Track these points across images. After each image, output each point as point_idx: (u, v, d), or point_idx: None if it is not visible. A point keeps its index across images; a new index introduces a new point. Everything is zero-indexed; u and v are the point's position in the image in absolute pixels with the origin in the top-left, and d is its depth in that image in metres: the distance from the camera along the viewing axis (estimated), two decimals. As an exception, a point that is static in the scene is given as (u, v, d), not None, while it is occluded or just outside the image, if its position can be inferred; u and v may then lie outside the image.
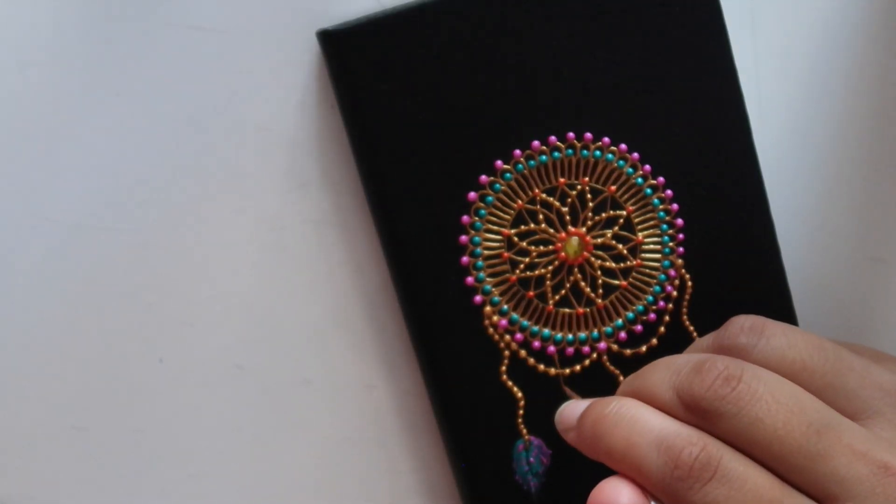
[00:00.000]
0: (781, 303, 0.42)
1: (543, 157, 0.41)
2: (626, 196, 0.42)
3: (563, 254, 0.41)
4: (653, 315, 0.42)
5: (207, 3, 0.41)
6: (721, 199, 0.42)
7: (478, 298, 0.41)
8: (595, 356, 0.42)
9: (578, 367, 0.42)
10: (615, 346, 0.42)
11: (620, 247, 0.42)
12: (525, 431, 0.42)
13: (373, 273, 0.43)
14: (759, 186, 0.42)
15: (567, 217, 0.41)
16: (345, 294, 0.43)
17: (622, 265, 0.42)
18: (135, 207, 0.42)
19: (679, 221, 0.42)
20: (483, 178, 0.41)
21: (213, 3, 0.41)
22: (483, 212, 0.41)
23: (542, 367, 0.42)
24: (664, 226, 0.42)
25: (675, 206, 0.42)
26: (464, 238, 0.41)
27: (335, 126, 0.42)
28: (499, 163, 0.41)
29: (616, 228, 0.42)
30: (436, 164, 0.41)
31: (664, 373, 0.37)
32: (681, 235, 0.42)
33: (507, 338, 0.42)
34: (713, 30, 0.41)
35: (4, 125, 0.41)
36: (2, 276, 0.42)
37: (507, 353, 0.42)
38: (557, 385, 0.42)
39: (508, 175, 0.41)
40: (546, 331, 0.42)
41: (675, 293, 0.42)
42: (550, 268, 0.42)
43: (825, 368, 0.36)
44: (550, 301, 0.42)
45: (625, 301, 0.42)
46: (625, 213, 0.42)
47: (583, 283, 0.42)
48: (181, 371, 0.43)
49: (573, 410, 0.39)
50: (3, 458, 0.43)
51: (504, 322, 0.42)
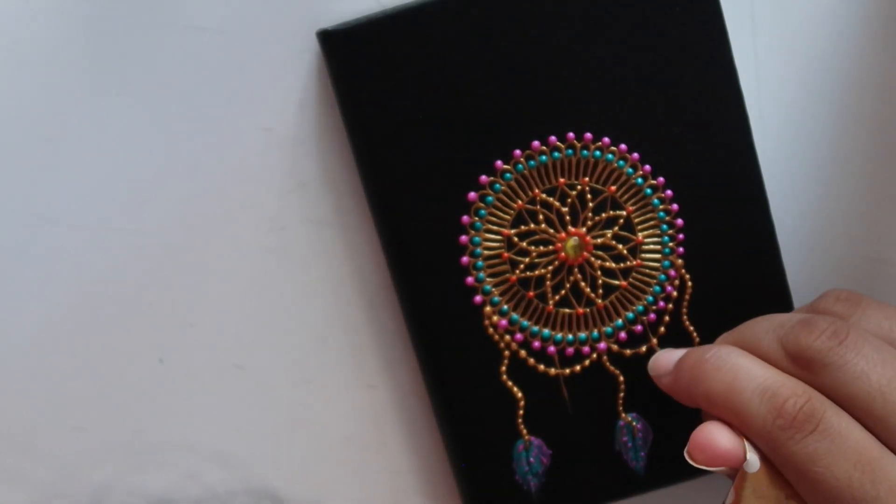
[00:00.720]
0: (781, 303, 0.42)
1: (543, 157, 0.41)
2: (626, 196, 0.42)
3: (563, 254, 0.41)
4: (653, 315, 0.42)
5: (207, 4, 0.41)
6: (721, 199, 0.42)
7: (478, 298, 0.41)
8: (595, 356, 0.42)
9: (578, 368, 0.42)
10: (615, 347, 0.42)
11: (620, 247, 0.42)
12: (525, 431, 0.42)
13: (373, 273, 0.43)
14: (759, 186, 0.42)
15: (567, 217, 0.41)
16: (345, 294, 0.43)
17: (622, 265, 0.42)
18: (135, 207, 0.42)
19: (679, 221, 0.42)
20: (483, 178, 0.41)
21: (213, 3, 0.41)
22: (483, 212, 0.41)
23: (542, 367, 0.42)
24: (664, 226, 0.42)
25: (675, 206, 0.42)
26: (464, 238, 0.41)
27: (335, 126, 0.42)
28: (499, 163, 0.41)
29: (616, 228, 0.42)
30: (436, 164, 0.41)
31: (768, 325, 0.37)
32: (681, 235, 0.42)
33: (507, 338, 0.42)
34: (713, 30, 0.41)
35: (5, 125, 0.41)
36: (2, 276, 0.42)
37: (507, 353, 0.42)
38: (557, 385, 0.42)
39: (508, 175, 0.41)
40: (546, 331, 0.42)
41: (675, 293, 0.42)
42: (550, 268, 0.42)
43: None
44: (550, 301, 0.42)
45: (625, 301, 0.42)
46: (625, 213, 0.42)
47: (583, 284, 0.42)
48: (181, 371, 0.43)
49: (670, 356, 0.39)
50: (3, 459, 0.43)
51: (504, 322, 0.42)
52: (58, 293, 0.42)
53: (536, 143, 0.41)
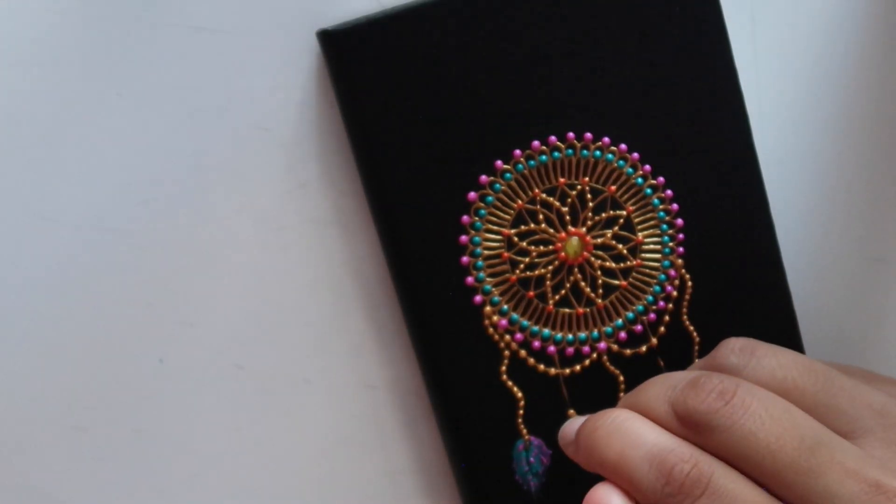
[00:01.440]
0: (781, 303, 0.42)
1: (543, 157, 0.41)
2: (626, 196, 0.42)
3: (563, 254, 0.42)
4: (653, 315, 0.42)
5: (207, 4, 0.41)
6: (721, 199, 0.42)
7: (478, 298, 0.41)
8: (595, 356, 0.42)
9: (578, 367, 0.42)
10: (615, 346, 0.42)
11: (620, 247, 0.42)
12: (525, 431, 0.42)
13: (373, 273, 0.43)
14: (760, 186, 0.42)
15: (567, 217, 0.41)
16: (345, 294, 0.43)
17: (622, 265, 0.42)
18: (135, 207, 0.42)
19: (679, 221, 0.42)
20: (483, 178, 0.41)
21: (213, 3, 0.41)
22: (483, 212, 0.41)
23: (542, 367, 0.42)
24: (664, 226, 0.42)
25: (675, 206, 0.42)
26: (464, 238, 0.41)
27: (335, 126, 0.42)
28: (499, 163, 0.41)
29: (616, 228, 0.42)
30: (436, 164, 0.41)
31: (661, 387, 0.37)
32: (681, 235, 0.42)
33: (507, 338, 0.42)
34: (713, 30, 0.41)
35: (5, 125, 0.41)
36: (2, 276, 0.42)
37: (507, 353, 0.42)
38: (557, 385, 0.42)
39: (508, 175, 0.41)
40: (546, 331, 0.42)
41: (675, 293, 0.42)
42: (550, 268, 0.42)
43: (816, 388, 0.37)
44: (550, 301, 0.42)
45: (625, 301, 0.42)
46: (625, 213, 0.42)
47: (583, 283, 0.42)
48: (181, 371, 0.43)
49: (573, 426, 0.39)
50: (4, 459, 0.43)
51: (504, 322, 0.42)
52: (57, 293, 0.42)
53: (536, 143, 0.41)
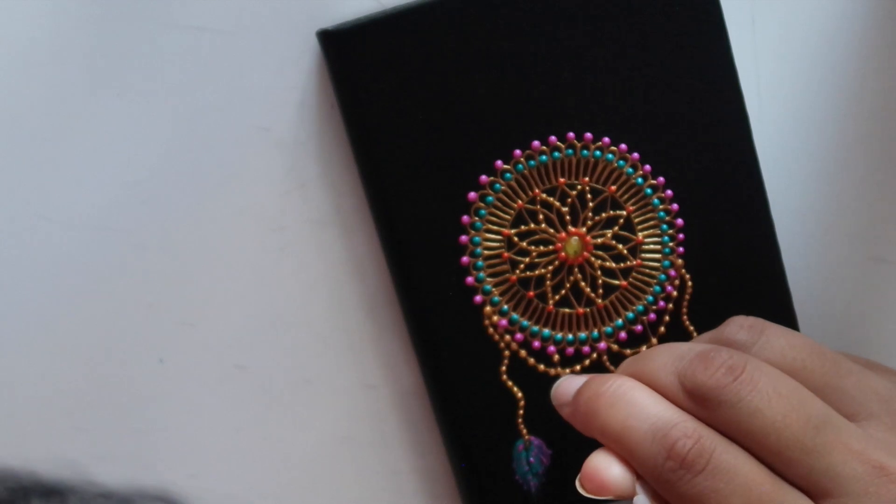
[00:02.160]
0: (781, 303, 0.42)
1: (543, 157, 0.41)
2: (626, 196, 0.42)
3: (564, 254, 0.41)
4: (653, 315, 0.42)
5: (208, 4, 0.41)
6: (721, 199, 0.42)
7: (478, 298, 0.41)
8: (595, 356, 0.42)
9: (578, 367, 0.42)
10: (615, 346, 0.42)
11: (620, 247, 0.42)
12: (525, 431, 0.42)
13: (373, 273, 0.43)
14: (759, 186, 0.42)
15: (567, 217, 0.41)
16: (345, 294, 0.43)
17: (622, 265, 0.42)
18: (135, 207, 0.42)
19: (679, 221, 0.42)
20: (483, 178, 0.41)
21: (214, 4, 0.41)
22: (483, 212, 0.41)
23: (542, 367, 0.42)
24: (664, 226, 0.42)
25: (675, 206, 0.42)
26: (464, 238, 0.41)
27: (335, 126, 0.42)
28: (499, 163, 0.41)
29: (616, 228, 0.42)
30: (436, 164, 0.41)
31: (667, 357, 0.37)
32: (681, 235, 0.42)
33: (507, 338, 0.42)
34: (713, 30, 0.41)
35: (5, 125, 0.41)
36: (2, 276, 0.42)
37: (507, 353, 0.42)
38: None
39: (508, 175, 0.41)
40: (546, 331, 0.42)
41: (675, 293, 0.42)
42: (550, 268, 0.42)
43: (823, 370, 0.37)
44: (550, 301, 0.42)
45: (625, 301, 0.42)
46: (625, 213, 0.42)
47: (583, 283, 0.42)
48: (181, 371, 0.43)
49: (569, 385, 0.39)
50: (4, 459, 0.43)
51: (504, 322, 0.42)
52: (57, 293, 0.42)
53: (536, 143, 0.41)
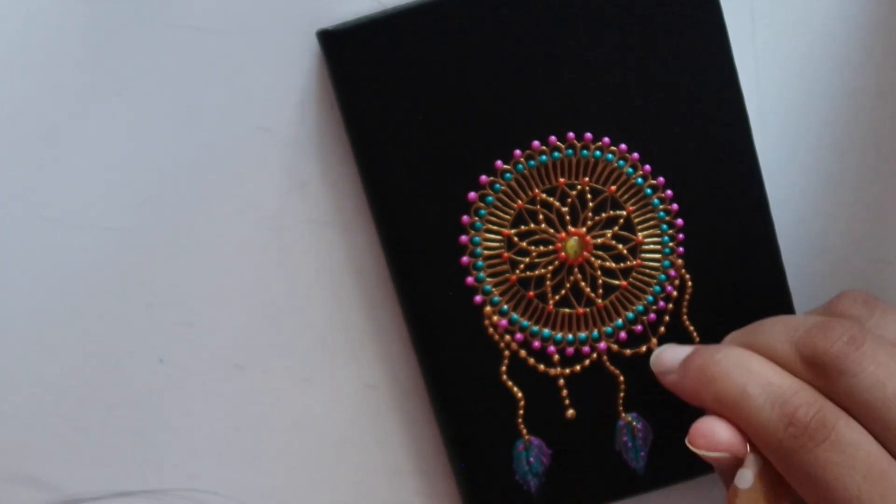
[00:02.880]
0: (781, 303, 0.42)
1: (543, 157, 0.41)
2: (626, 196, 0.42)
3: (563, 254, 0.41)
4: (653, 315, 0.42)
5: (207, 4, 0.41)
6: (721, 199, 0.42)
7: (478, 298, 0.41)
8: (595, 356, 0.42)
9: (578, 367, 0.42)
10: (615, 346, 0.42)
11: (620, 247, 0.42)
12: (525, 431, 0.42)
13: (373, 273, 0.43)
14: (759, 186, 0.42)
15: (567, 217, 0.41)
16: (345, 294, 0.43)
17: (622, 265, 0.42)
18: (135, 207, 0.42)
19: (679, 221, 0.42)
20: (483, 178, 0.41)
21: (214, 3, 0.41)
22: (483, 212, 0.41)
23: (542, 367, 0.42)
24: (664, 226, 0.42)
25: (675, 206, 0.42)
26: (464, 238, 0.41)
27: (335, 126, 0.42)
28: (499, 163, 0.41)
29: (616, 228, 0.42)
30: (436, 164, 0.41)
31: (781, 327, 0.37)
32: (681, 235, 0.42)
33: (507, 338, 0.42)
34: (713, 30, 0.41)
35: (5, 125, 0.41)
36: (2, 276, 0.42)
37: (507, 353, 0.42)
38: (557, 385, 0.42)
39: (508, 175, 0.41)
40: (546, 331, 0.42)
41: (675, 293, 0.42)
42: (550, 268, 0.42)
43: None
44: (550, 301, 0.42)
45: (625, 301, 0.42)
46: (625, 213, 0.42)
47: (583, 283, 0.42)
48: (181, 371, 0.43)
49: (675, 353, 0.39)
50: (4, 459, 0.43)
51: (504, 322, 0.42)
52: (58, 293, 0.42)
53: (536, 143, 0.41)
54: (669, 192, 0.42)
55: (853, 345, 0.35)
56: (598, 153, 0.41)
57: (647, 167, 0.41)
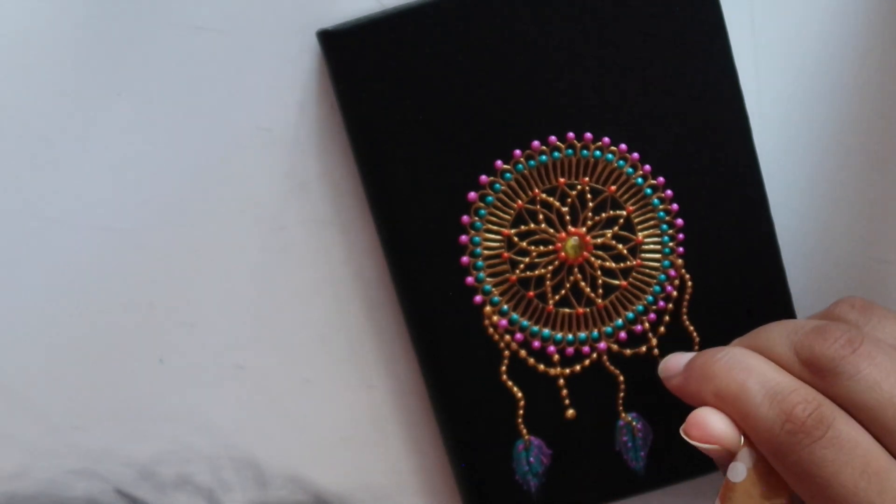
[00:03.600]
0: (781, 303, 0.42)
1: (543, 157, 0.41)
2: (626, 196, 0.42)
3: (563, 254, 0.41)
4: (653, 315, 0.42)
5: (208, 3, 0.41)
6: (721, 199, 0.42)
7: (478, 298, 0.41)
8: (595, 356, 0.42)
9: (578, 367, 0.42)
10: (615, 346, 0.42)
11: (620, 247, 0.42)
12: (525, 431, 0.42)
13: (373, 273, 0.43)
14: (759, 186, 0.42)
15: (567, 217, 0.41)
16: (345, 294, 0.43)
17: (622, 265, 0.42)
18: (135, 207, 0.42)
19: (679, 221, 0.42)
20: (483, 178, 0.41)
21: (214, 3, 0.41)
22: (483, 212, 0.41)
23: (542, 367, 0.42)
24: (664, 226, 0.42)
25: (675, 206, 0.42)
26: (464, 238, 0.41)
27: (335, 126, 0.42)
28: (499, 163, 0.41)
29: (616, 228, 0.42)
30: (436, 164, 0.41)
31: (782, 329, 0.37)
32: (681, 235, 0.42)
33: (507, 338, 0.42)
34: (713, 30, 0.41)
35: (5, 125, 0.41)
36: (2, 276, 0.42)
37: (507, 353, 0.42)
38: (557, 385, 0.42)
39: (508, 175, 0.41)
40: (546, 331, 0.42)
41: (675, 293, 0.42)
42: (550, 268, 0.42)
43: None
44: (550, 301, 0.42)
45: (625, 301, 0.42)
46: (625, 213, 0.42)
47: (583, 283, 0.42)
48: (181, 371, 0.43)
49: (680, 358, 0.39)
50: (4, 459, 0.43)
51: (504, 322, 0.42)
52: (57, 293, 0.42)
53: (536, 143, 0.41)
54: (669, 192, 0.42)
55: (850, 347, 0.36)
56: (598, 153, 0.41)
57: (647, 167, 0.41)
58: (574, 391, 0.42)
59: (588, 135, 0.41)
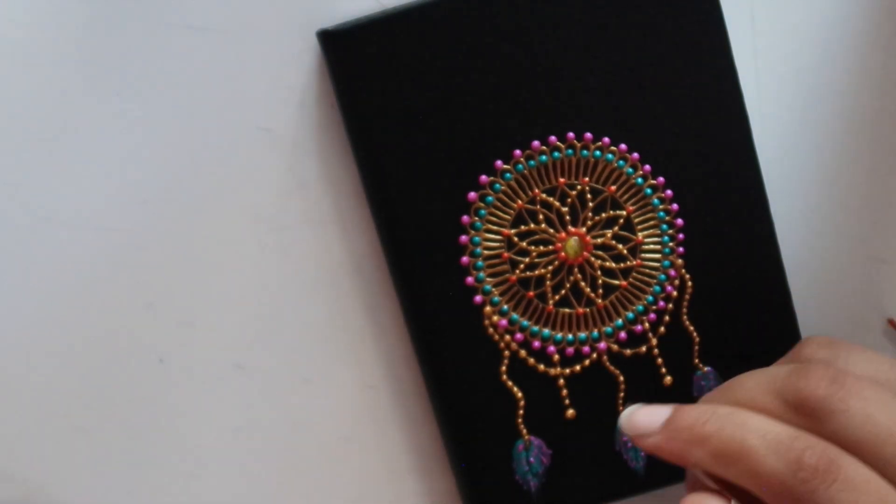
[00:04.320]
0: (781, 303, 0.42)
1: (543, 157, 0.41)
2: (626, 196, 0.42)
3: (563, 254, 0.41)
4: (653, 315, 0.42)
5: (207, 3, 0.41)
6: (721, 199, 0.42)
7: (478, 298, 0.41)
8: (595, 356, 0.42)
9: (578, 367, 0.42)
10: (615, 346, 0.42)
11: (620, 247, 0.42)
12: (525, 431, 0.42)
13: (373, 273, 0.43)
14: (759, 186, 0.42)
15: (567, 217, 0.41)
16: (345, 294, 0.43)
17: (622, 265, 0.42)
18: (135, 207, 0.42)
19: (679, 221, 0.42)
20: (483, 178, 0.41)
21: (214, 3, 0.41)
22: (483, 212, 0.41)
23: (542, 367, 0.42)
24: (664, 226, 0.42)
25: (675, 206, 0.42)
26: (464, 238, 0.41)
27: (335, 126, 0.42)
28: (499, 163, 0.41)
29: (616, 228, 0.42)
30: (436, 164, 0.41)
31: (759, 379, 0.36)
32: (681, 235, 0.42)
33: (507, 338, 0.42)
34: (713, 30, 0.41)
35: (5, 125, 0.41)
36: (2, 276, 0.42)
37: (507, 353, 0.42)
38: (557, 385, 0.42)
39: (508, 175, 0.41)
40: (546, 331, 0.42)
41: (675, 293, 0.42)
42: (550, 268, 0.42)
43: None
44: (550, 301, 0.42)
45: (625, 301, 0.42)
46: (625, 213, 0.42)
47: (583, 283, 0.42)
48: (181, 371, 0.43)
49: (651, 415, 0.37)
50: (4, 459, 0.43)
51: (504, 322, 0.42)
52: (57, 293, 0.42)
53: (536, 143, 0.41)
54: (669, 192, 0.42)
55: (837, 384, 0.35)
56: (598, 153, 0.41)
57: (647, 167, 0.41)
58: (574, 391, 0.42)
59: (588, 135, 0.41)
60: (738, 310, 0.42)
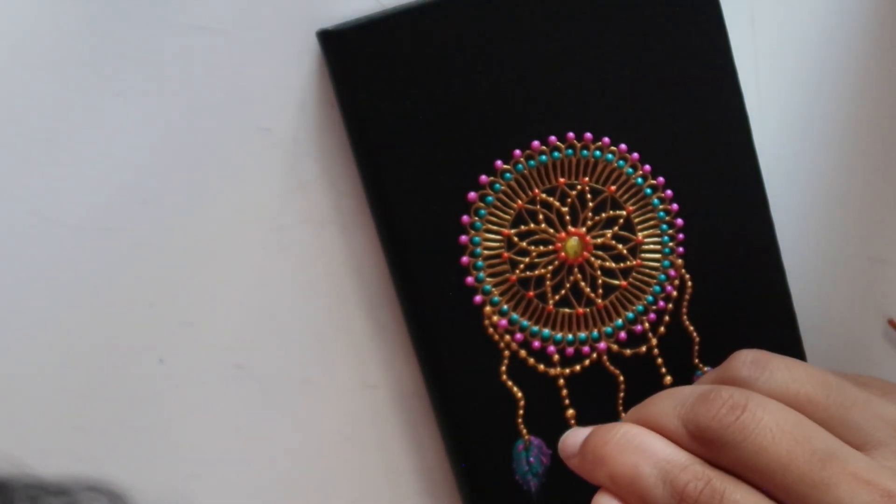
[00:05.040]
0: (781, 303, 0.42)
1: (543, 157, 0.41)
2: (626, 196, 0.42)
3: (563, 254, 0.42)
4: (653, 315, 0.42)
5: (207, 3, 0.41)
6: (721, 199, 0.42)
7: (478, 298, 0.41)
8: (595, 356, 0.42)
9: (578, 367, 0.42)
10: (615, 346, 0.42)
11: (620, 247, 0.42)
12: (525, 431, 0.42)
13: (373, 273, 0.43)
14: (759, 186, 0.42)
15: (567, 217, 0.41)
16: (345, 294, 0.43)
17: (622, 265, 0.42)
18: (135, 207, 0.42)
19: (679, 221, 0.42)
20: (483, 178, 0.41)
21: (214, 3, 0.41)
22: (483, 212, 0.41)
23: (542, 367, 0.42)
24: (664, 226, 0.42)
25: (675, 206, 0.42)
26: (464, 238, 0.41)
27: (335, 126, 0.42)
28: (499, 163, 0.41)
29: (616, 228, 0.42)
30: (436, 164, 0.41)
31: (670, 401, 0.37)
32: (681, 235, 0.42)
33: (507, 338, 0.42)
34: (713, 30, 0.41)
35: (5, 125, 0.41)
36: (2, 277, 0.42)
37: (507, 353, 0.42)
38: (557, 385, 0.42)
39: (508, 175, 0.41)
40: (546, 331, 0.42)
41: (675, 293, 0.42)
42: (550, 268, 0.42)
43: (829, 401, 0.37)
44: (550, 301, 0.42)
45: (625, 301, 0.42)
46: (625, 213, 0.42)
47: (583, 283, 0.42)
48: (181, 371, 0.43)
49: (576, 437, 0.39)
50: (4, 458, 0.43)
51: (504, 322, 0.42)
52: (57, 293, 0.42)
53: (536, 143, 0.41)
54: (669, 192, 0.42)
55: (733, 414, 0.35)
56: (598, 153, 0.41)
57: (647, 167, 0.41)
58: (574, 391, 0.42)
59: (588, 135, 0.41)
60: (738, 310, 0.42)
